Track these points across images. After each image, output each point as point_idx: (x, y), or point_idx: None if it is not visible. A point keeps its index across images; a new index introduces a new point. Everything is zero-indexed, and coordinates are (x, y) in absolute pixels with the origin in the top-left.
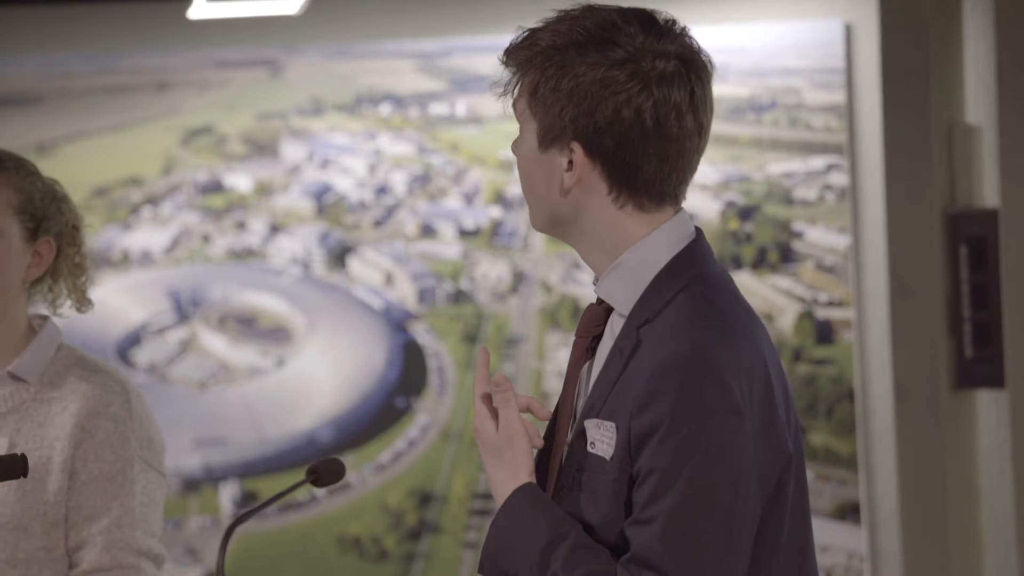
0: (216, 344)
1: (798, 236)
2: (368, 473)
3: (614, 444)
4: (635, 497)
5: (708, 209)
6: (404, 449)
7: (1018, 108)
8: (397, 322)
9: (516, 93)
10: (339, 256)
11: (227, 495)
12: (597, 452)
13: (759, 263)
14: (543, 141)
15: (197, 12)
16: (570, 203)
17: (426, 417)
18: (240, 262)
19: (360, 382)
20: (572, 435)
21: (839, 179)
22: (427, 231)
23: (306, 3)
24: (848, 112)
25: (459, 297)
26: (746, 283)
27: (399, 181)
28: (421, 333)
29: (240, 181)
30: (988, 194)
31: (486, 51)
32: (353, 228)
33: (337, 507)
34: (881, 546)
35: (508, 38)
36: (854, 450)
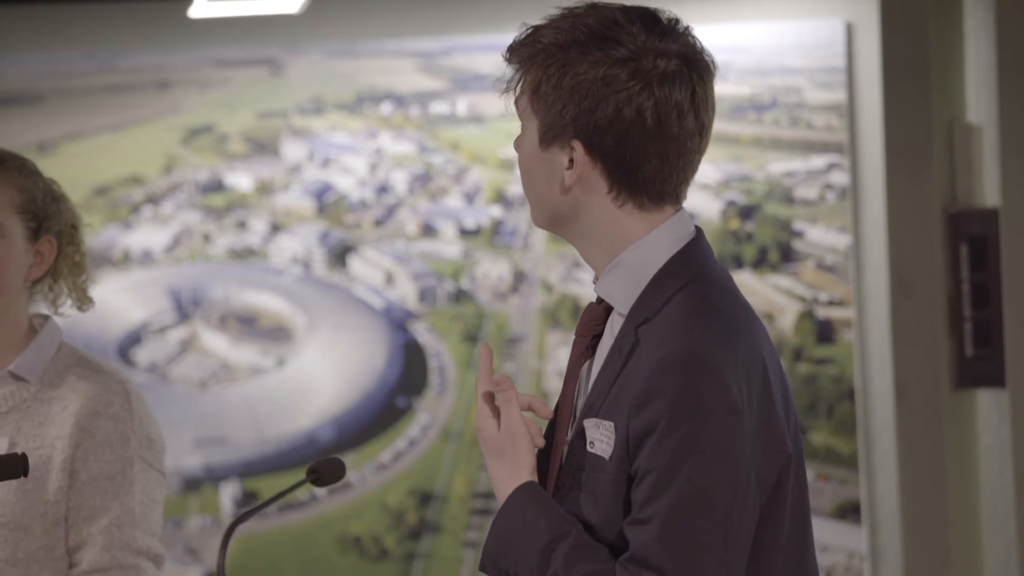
0: (217, 343)
1: (799, 235)
2: (368, 473)
3: (613, 443)
4: (633, 496)
5: (709, 208)
6: (404, 449)
7: (1019, 107)
8: (398, 321)
9: (518, 90)
10: (340, 255)
11: (227, 494)
12: (596, 451)
13: (760, 262)
14: (544, 139)
15: (198, 11)
16: (570, 201)
17: (427, 417)
18: (241, 261)
19: (361, 381)
20: (572, 434)
21: (840, 178)
22: (428, 230)
23: (307, 2)
24: (849, 111)
25: (460, 296)
26: (747, 282)
27: (400, 180)
28: (422, 332)
29: (241, 180)
30: (989, 193)
31: (487, 50)
32: (354, 227)
33: (337, 507)
34: (881, 545)
35: (509, 37)
36: (854, 449)
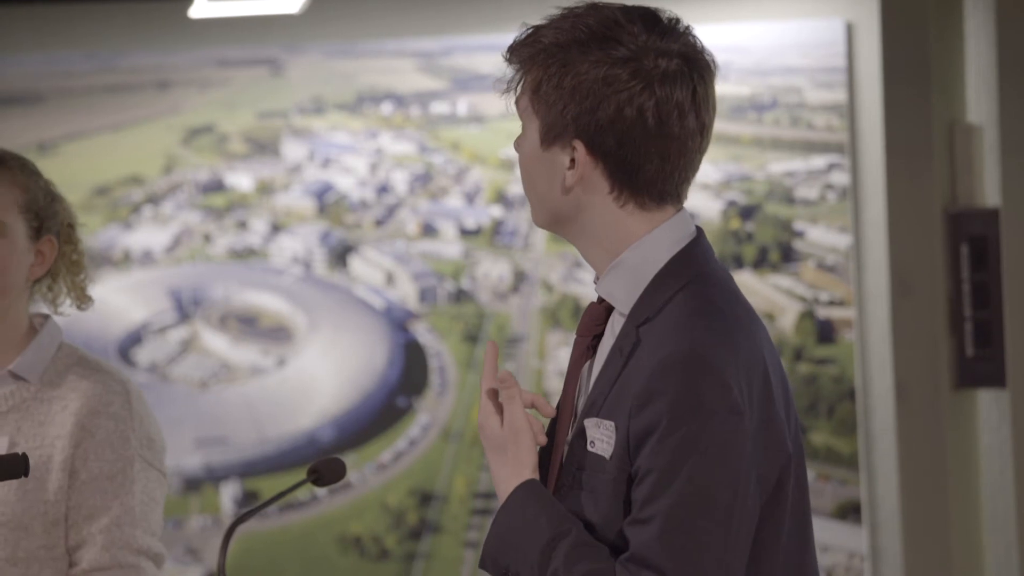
0: (217, 343)
1: (799, 235)
2: (369, 472)
3: (613, 443)
4: (634, 496)
5: (709, 208)
6: (405, 448)
7: (1019, 107)
8: (398, 321)
9: (519, 91)
10: (340, 255)
11: (228, 494)
12: (596, 451)
13: (760, 262)
14: (545, 139)
15: (198, 11)
16: (571, 201)
17: (427, 416)
18: (241, 261)
19: (361, 381)
20: (572, 434)
21: (840, 178)
22: (428, 230)
23: (307, 2)
24: (849, 111)
25: (460, 296)
26: (747, 282)
27: (400, 180)
28: (422, 332)
29: (241, 180)
30: (989, 193)
31: (487, 50)
32: (354, 227)
33: (338, 507)
34: (882, 546)
35: (509, 37)
36: (855, 449)
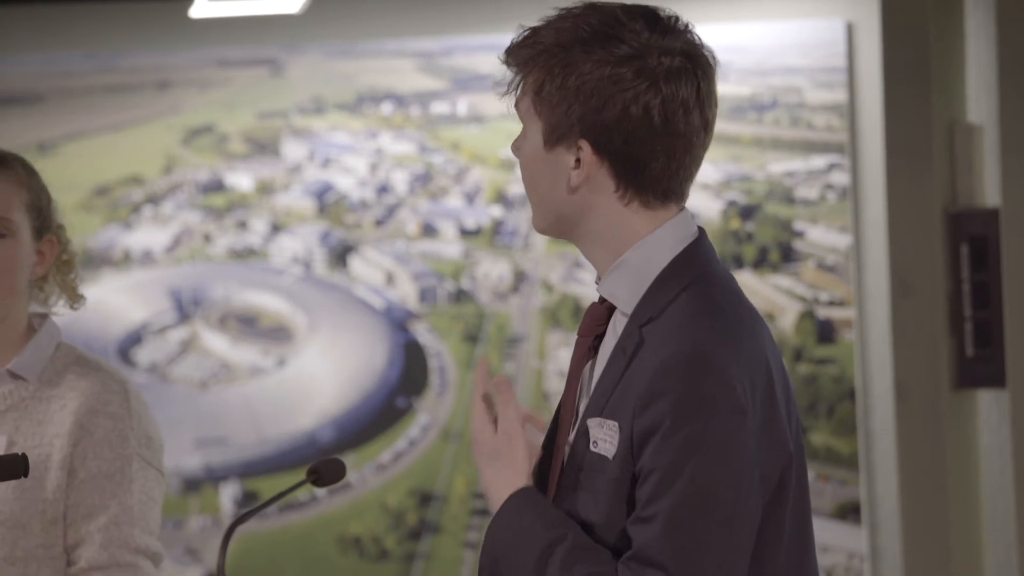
0: (217, 343)
1: (799, 235)
2: (369, 473)
3: (616, 443)
4: (637, 495)
5: (709, 208)
6: (405, 449)
7: (1019, 107)
8: (398, 321)
9: (519, 92)
10: (340, 255)
11: (228, 495)
12: (599, 451)
13: (760, 262)
14: (549, 140)
15: (198, 11)
16: (576, 201)
17: (427, 417)
18: (241, 261)
19: (361, 382)
20: (574, 435)
21: (840, 178)
22: (428, 230)
23: (307, 2)
24: (849, 111)
25: (460, 296)
26: (747, 282)
27: (400, 180)
28: (422, 333)
29: (241, 180)
30: (989, 193)
31: (487, 50)
32: (354, 227)
33: (338, 507)
34: (882, 546)
35: (509, 37)
36: (855, 450)
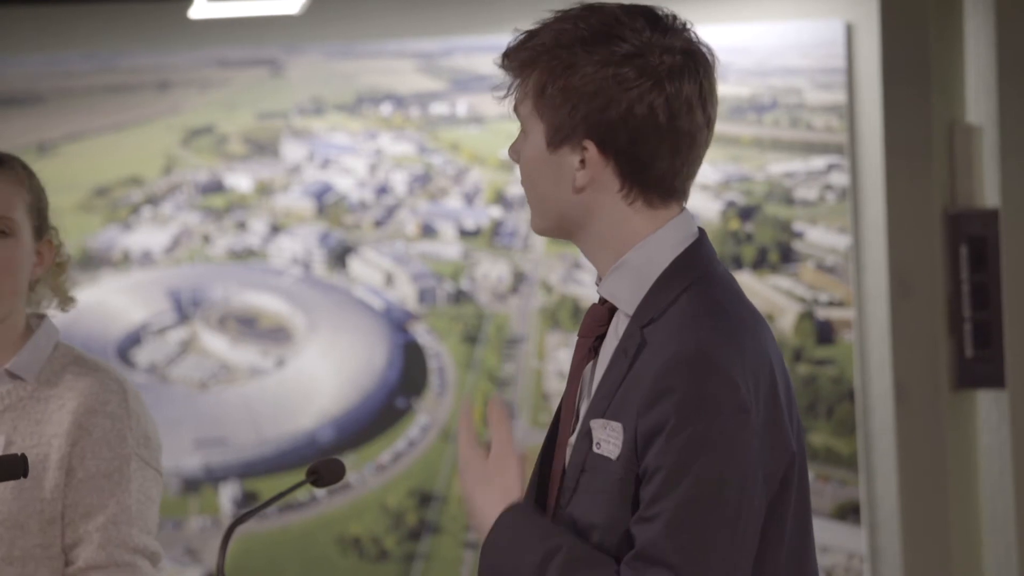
0: (216, 344)
1: (798, 236)
2: (368, 473)
3: (620, 444)
4: (641, 495)
5: (709, 209)
6: (404, 449)
7: (1019, 108)
8: (397, 322)
9: (519, 95)
10: (339, 256)
11: (227, 495)
12: (602, 452)
13: (759, 263)
14: (552, 141)
15: (198, 12)
16: (581, 201)
17: (426, 417)
18: (240, 262)
19: (360, 382)
20: (576, 436)
21: (840, 179)
22: (427, 231)
23: (307, 3)
24: (849, 112)
25: (459, 297)
26: (747, 283)
27: (399, 181)
28: (421, 333)
29: (241, 181)
30: (989, 194)
31: (487, 51)
32: (353, 228)
33: (337, 507)
34: (881, 546)
35: (509, 38)
36: (854, 450)
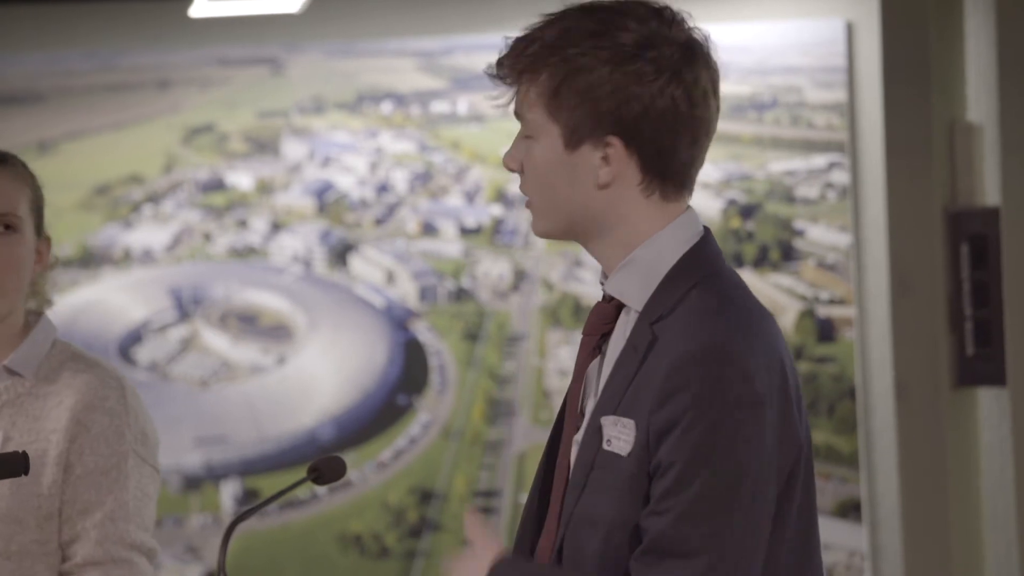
0: (217, 342)
1: (799, 234)
2: (369, 471)
3: (632, 441)
4: (654, 489)
5: (709, 207)
6: (405, 447)
7: (1019, 106)
8: (398, 320)
9: (523, 101)
10: (340, 254)
11: (228, 493)
12: (612, 449)
13: (760, 261)
14: (571, 141)
15: (198, 10)
16: (601, 197)
17: (427, 415)
18: (241, 260)
19: (361, 380)
20: (583, 433)
21: (840, 177)
22: (428, 229)
23: (307, 1)
24: (849, 110)
25: (460, 295)
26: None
27: (400, 179)
28: (422, 331)
29: (241, 179)
30: (989, 192)
31: (487, 49)
32: (354, 226)
33: (338, 505)
34: (882, 544)
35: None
36: (855, 448)
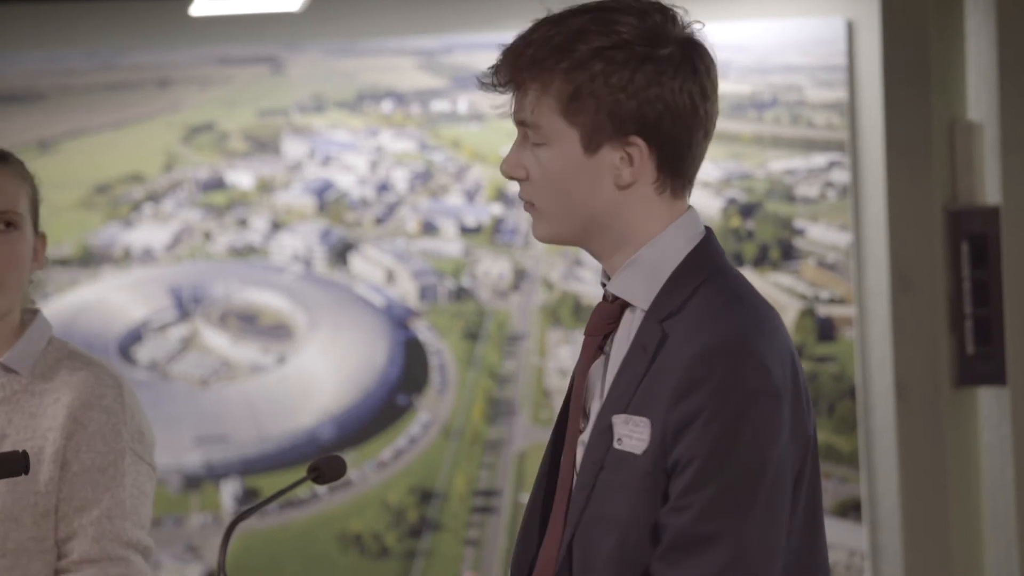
0: (217, 341)
1: (799, 233)
2: (369, 470)
3: (647, 438)
4: (673, 486)
5: (710, 206)
6: (405, 446)
7: (1019, 105)
8: (398, 319)
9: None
10: (340, 253)
11: (228, 492)
12: (624, 448)
13: (760, 260)
14: (590, 145)
15: (199, 9)
16: (620, 198)
17: (427, 414)
18: (241, 259)
19: (361, 379)
20: (591, 433)
21: (841, 176)
22: (428, 228)
23: (307, 0)
24: (850, 109)
25: (460, 294)
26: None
27: (400, 178)
28: (422, 330)
29: (241, 178)
30: (989, 191)
31: (488, 48)
32: (354, 225)
33: (338, 504)
34: (882, 543)
35: (509, 35)
36: (855, 447)
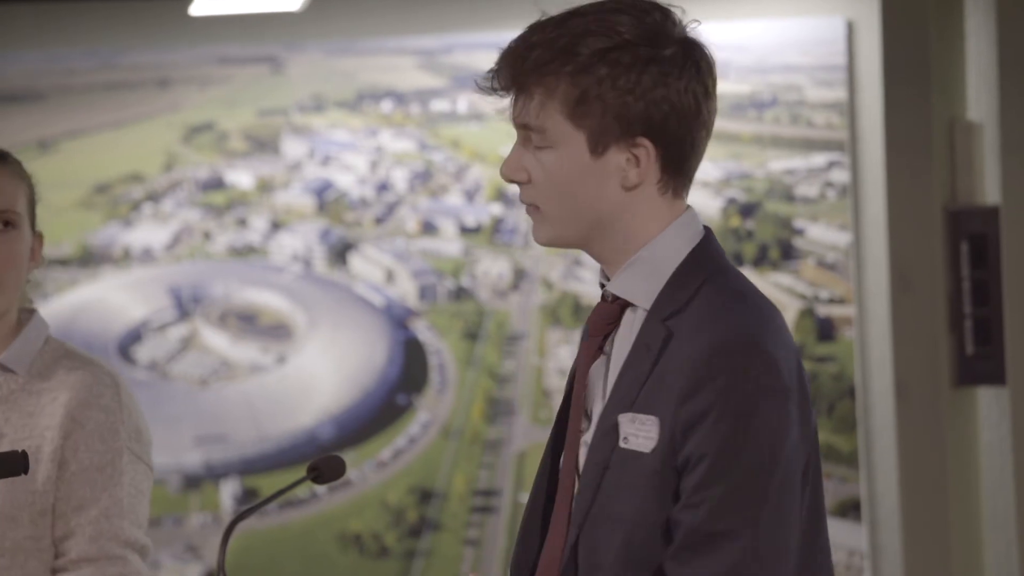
0: (217, 341)
1: (799, 233)
2: (369, 470)
3: (655, 437)
4: (684, 483)
5: (709, 206)
6: (405, 446)
7: (1019, 105)
8: (398, 319)
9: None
10: (340, 253)
11: (228, 492)
12: (631, 447)
13: (760, 260)
14: (597, 147)
15: (198, 8)
16: (625, 199)
17: (427, 414)
18: (241, 259)
19: (361, 379)
20: (594, 433)
21: (840, 176)
22: (428, 228)
23: (307, 0)
24: (849, 109)
25: (460, 294)
26: None
27: (400, 178)
28: (422, 330)
29: (241, 178)
30: (989, 191)
31: (487, 48)
32: (354, 225)
33: (338, 504)
34: (882, 543)
35: (509, 35)
36: (855, 447)
